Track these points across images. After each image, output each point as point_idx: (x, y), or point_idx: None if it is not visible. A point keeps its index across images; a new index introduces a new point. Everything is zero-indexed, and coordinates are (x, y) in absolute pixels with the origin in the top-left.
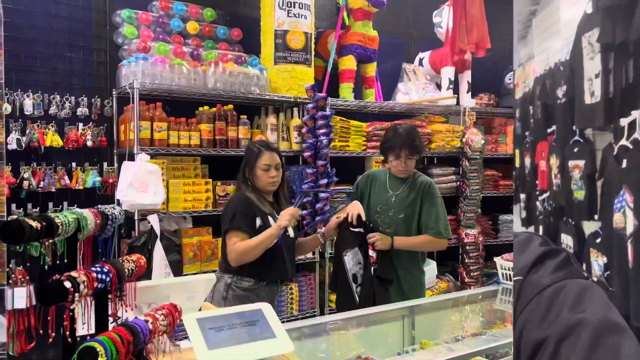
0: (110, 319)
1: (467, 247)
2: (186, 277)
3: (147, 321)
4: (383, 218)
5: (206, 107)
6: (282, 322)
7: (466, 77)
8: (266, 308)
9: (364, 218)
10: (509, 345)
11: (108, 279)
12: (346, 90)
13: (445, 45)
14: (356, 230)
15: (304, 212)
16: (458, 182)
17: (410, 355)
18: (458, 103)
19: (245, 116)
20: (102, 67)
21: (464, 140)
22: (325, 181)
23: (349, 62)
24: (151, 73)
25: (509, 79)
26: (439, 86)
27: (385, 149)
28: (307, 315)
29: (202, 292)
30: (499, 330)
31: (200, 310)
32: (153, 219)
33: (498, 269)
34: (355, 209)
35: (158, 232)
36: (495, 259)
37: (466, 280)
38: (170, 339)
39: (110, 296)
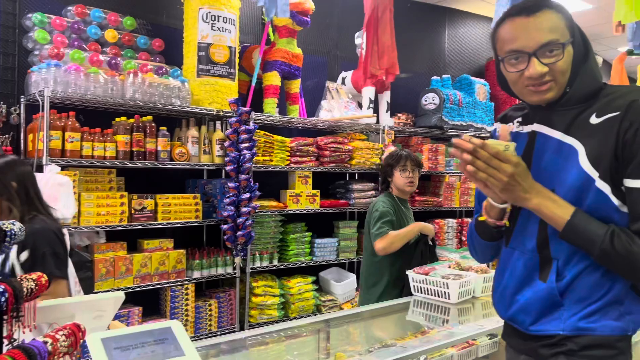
0: (5, 341)
1: None
2: (93, 295)
3: (45, 342)
4: None
5: (123, 118)
6: (201, 338)
7: (385, 97)
8: (176, 326)
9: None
10: (417, 355)
11: (3, 299)
12: (270, 106)
13: (359, 68)
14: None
15: (225, 226)
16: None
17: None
18: (378, 122)
19: (165, 128)
20: (10, 72)
21: (382, 157)
22: (247, 195)
23: (273, 78)
24: (64, 81)
25: (425, 100)
26: (360, 105)
27: (394, 166)
28: (226, 331)
29: (111, 310)
30: (409, 340)
31: (108, 329)
32: None
33: (410, 281)
34: (432, 229)
35: (68, 248)
36: (407, 272)
37: None
38: None
39: (5, 317)
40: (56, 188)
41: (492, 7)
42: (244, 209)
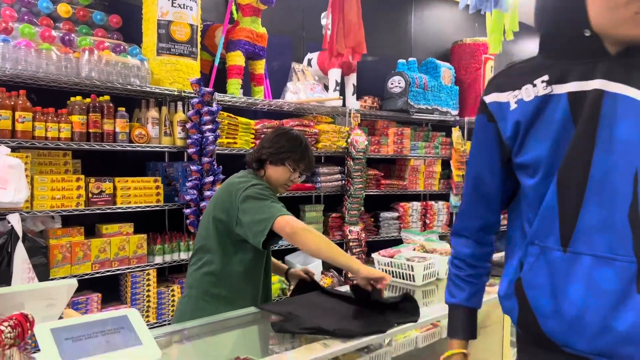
0: None
1: (351, 244)
2: (44, 282)
3: None
4: None
5: (79, 97)
6: (163, 325)
7: (352, 80)
8: (132, 314)
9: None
10: (383, 338)
11: None
12: (234, 86)
13: (324, 46)
14: None
15: (187, 210)
16: (343, 181)
17: (288, 352)
18: (344, 104)
19: (123, 108)
20: None
21: (349, 140)
22: (210, 179)
23: (236, 58)
24: (13, 57)
25: (391, 84)
26: (326, 87)
27: (287, 157)
28: None
29: (64, 298)
30: None
31: (61, 318)
32: (14, 219)
33: (375, 264)
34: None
35: (20, 233)
36: (373, 255)
37: (349, 275)
38: (23, 351)
39: None
40: (6, 170)
41: None
42: (207, 193)
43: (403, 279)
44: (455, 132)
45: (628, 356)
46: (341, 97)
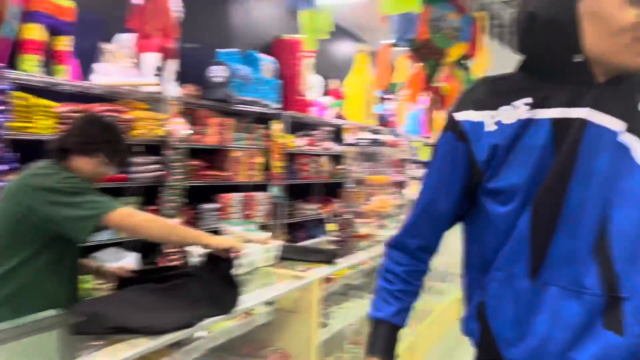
0: None
1: None
2: None
3: None
4: None
5: None
6: None
7: (172, 66)
8: None
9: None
10: (196, 330)
11: None
12: (30, 63)
13: (130, 26)
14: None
15: None
16: (160, 172)
17: (90, 356)
18: (162, 91)
19: None
20: None
21: (167, 129)
22: (4, 167)
23: (34, 32)
24: None
25: (213, 73)
26: (143, 72)
27: (99, 148)
28: None
29: None
30: None
31: None
32: None
33: (188, 257)
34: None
35: None
36: (187, 247)
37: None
38: None
39: None
40: None
41: None
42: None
43: None
44: (275, 125)
45: None
46: (159, 83)
